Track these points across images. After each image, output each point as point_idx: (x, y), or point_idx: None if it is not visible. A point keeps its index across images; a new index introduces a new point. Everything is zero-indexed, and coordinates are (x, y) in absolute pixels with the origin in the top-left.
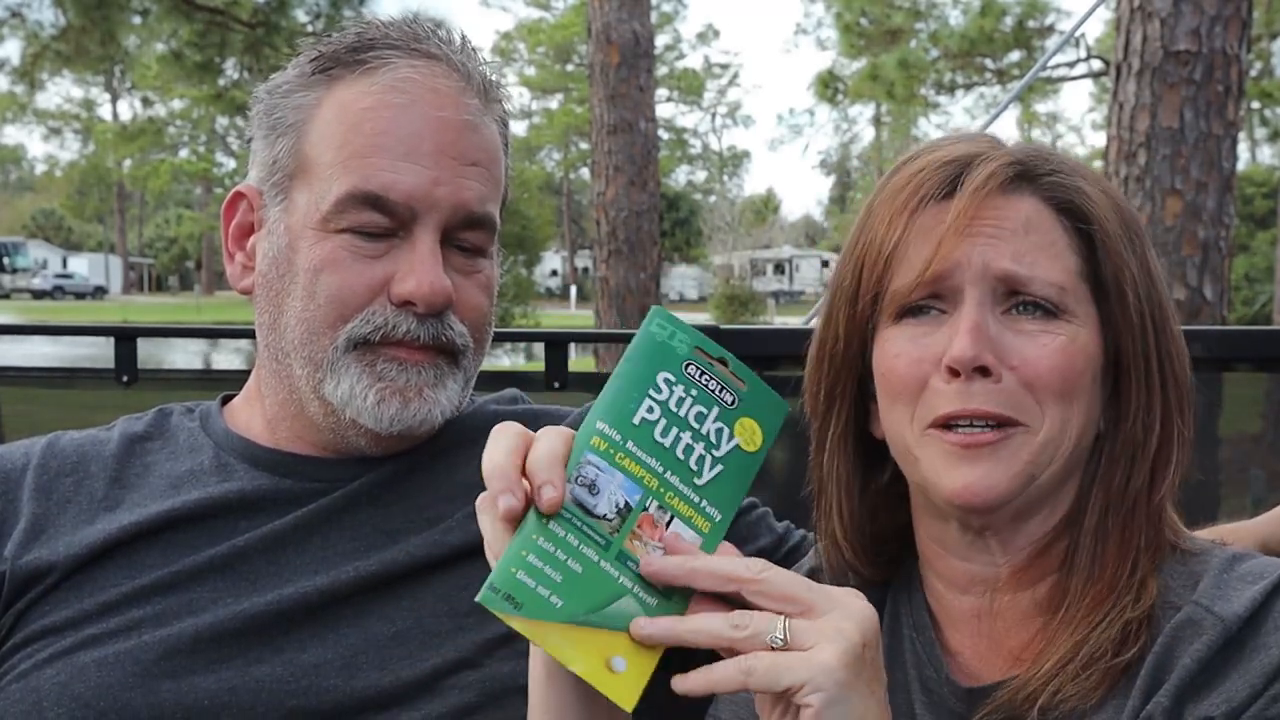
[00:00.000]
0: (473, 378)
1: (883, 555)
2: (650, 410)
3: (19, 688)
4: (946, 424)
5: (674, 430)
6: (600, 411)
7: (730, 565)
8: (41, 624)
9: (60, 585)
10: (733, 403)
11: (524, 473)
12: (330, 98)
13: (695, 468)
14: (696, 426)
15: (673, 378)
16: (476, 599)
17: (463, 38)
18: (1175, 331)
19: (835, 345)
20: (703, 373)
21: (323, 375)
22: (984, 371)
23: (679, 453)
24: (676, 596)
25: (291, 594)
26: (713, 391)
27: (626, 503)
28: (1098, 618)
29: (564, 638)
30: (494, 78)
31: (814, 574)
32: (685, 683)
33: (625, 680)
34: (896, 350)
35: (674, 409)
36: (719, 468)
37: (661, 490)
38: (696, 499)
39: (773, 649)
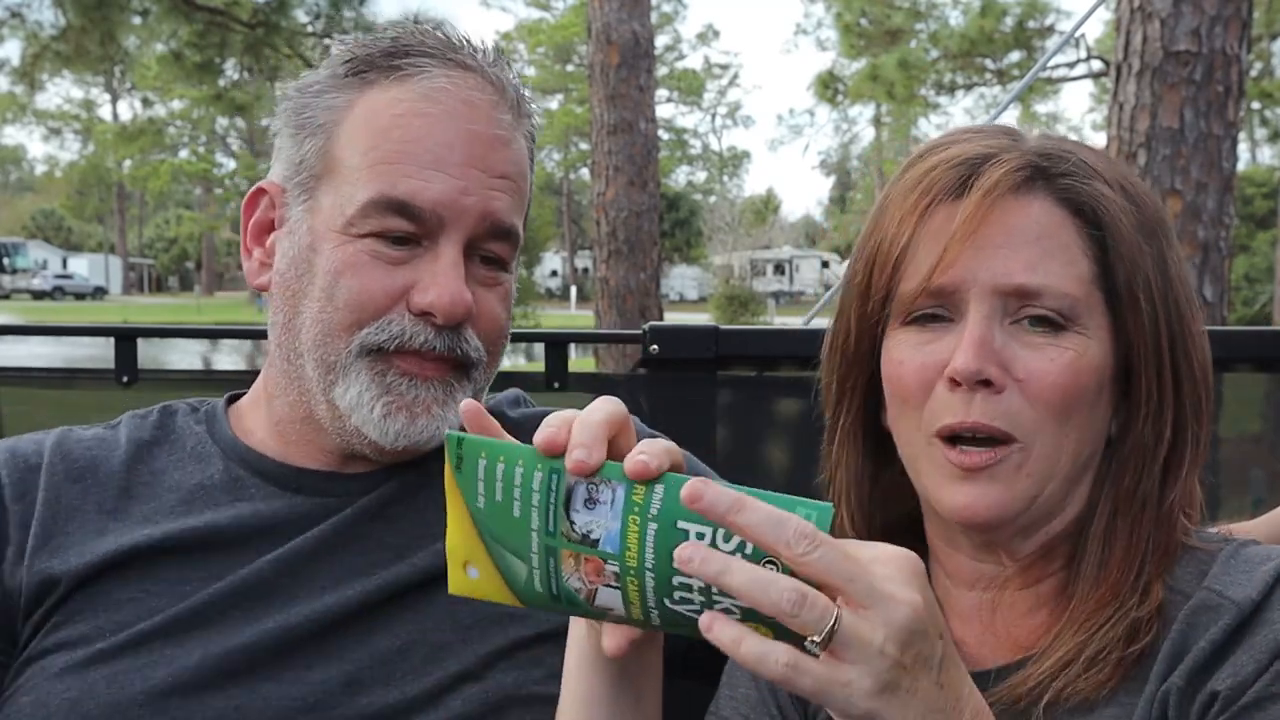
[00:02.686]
0: (483, 389)
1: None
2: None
3: (29, 702)
4: (950, 436)
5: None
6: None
7: (773, 534)
8: (54, 637)
9: (70, 598)
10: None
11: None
12: (362, 101)
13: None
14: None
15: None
16: None
17: (496, 49)
18: (1195, 331)
19: (846, 340)
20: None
21: (334, 378)
22: (987, 383)
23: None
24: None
25: (301, 613)
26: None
27: (595, 540)
28: (1103, 619)
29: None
30: (525, 91)
31: None
32: (718, 631)
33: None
34: (901, 357)
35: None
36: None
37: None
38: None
39: (812, 653)
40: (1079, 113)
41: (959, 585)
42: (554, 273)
